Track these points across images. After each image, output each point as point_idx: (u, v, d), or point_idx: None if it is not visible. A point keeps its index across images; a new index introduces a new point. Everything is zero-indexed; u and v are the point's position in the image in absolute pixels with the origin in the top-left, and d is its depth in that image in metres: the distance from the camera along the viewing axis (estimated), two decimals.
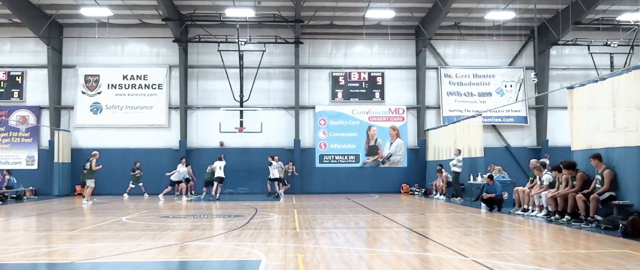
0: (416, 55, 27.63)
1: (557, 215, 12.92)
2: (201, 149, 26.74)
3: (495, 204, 16.15)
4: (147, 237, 10.32)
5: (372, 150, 27.29)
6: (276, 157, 23.76)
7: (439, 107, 27.52)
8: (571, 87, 14.09)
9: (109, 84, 26.61)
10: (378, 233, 11.05)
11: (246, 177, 26.21)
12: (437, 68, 27.70)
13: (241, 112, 24.99)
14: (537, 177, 14.67)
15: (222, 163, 22.21)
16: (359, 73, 27.39)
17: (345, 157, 27.06)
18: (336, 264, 7.39)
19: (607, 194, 11.84)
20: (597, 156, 12.29)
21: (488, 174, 17.33)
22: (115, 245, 9.33)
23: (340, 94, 27.30)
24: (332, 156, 26.97)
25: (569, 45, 27.17)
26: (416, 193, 25.65)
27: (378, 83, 27.43)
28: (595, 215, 11.63)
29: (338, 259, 7.81)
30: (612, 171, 11.89)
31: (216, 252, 8.47)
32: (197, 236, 10.36)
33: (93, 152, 20.35)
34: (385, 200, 21.12)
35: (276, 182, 22.87)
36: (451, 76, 27.70)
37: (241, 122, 24.74)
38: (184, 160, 23.57)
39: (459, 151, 21.16)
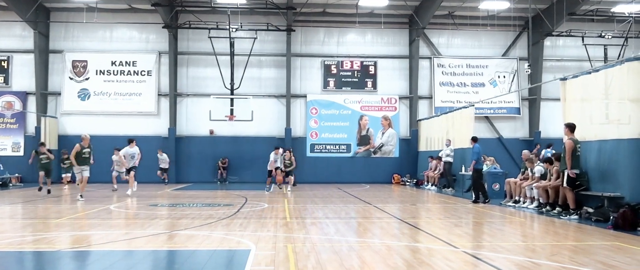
0: (409, 45, 27.38)
1: (548, 207, 12.95)
2: (191, 137, 26.47)
3: (479, 190, 15.83)
4: (135, 226, 10.34)
5: (364, 140, 27.09)
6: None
7: (432, 98, 27.34)
8: (564, 79, 14.05)
9: (97, 70, 26.20)
10: (369, 223, 11.07)
11: (237, 166, 25.98)
12: (430, 58, 27.48)
13: (232, 100, 24.74)
14: (529, 168, 14.66)
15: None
16: (352, 62, 27.13)
17: (337, 147, 26.86)
18: (327, 254, 7.37)
19: (574, 171, 11.79)
20: (569, 125, 12.33)
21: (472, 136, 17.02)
22: (102, 233, 9.29)
23: (332, 83, 27.04)
24: (324, 145, 26.77)
25: (563, 36, 27.03)
26: (407, 183, 25.54)
27: (370, 72, 27.19)
28: (586, 208, 11.62)
29: (328, 249, 7.78)
30: (571, 143, 11.88)
31: (205, 242, 8.41)
32: (186, 225, 10.32)
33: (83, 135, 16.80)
34: (377, 191, 21.07)
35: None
36: (444, 66, 27.50)
37: (232, 110, 24.53)
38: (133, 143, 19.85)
39: (449, 141, 21.09)
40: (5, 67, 25.88)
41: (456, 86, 27.48)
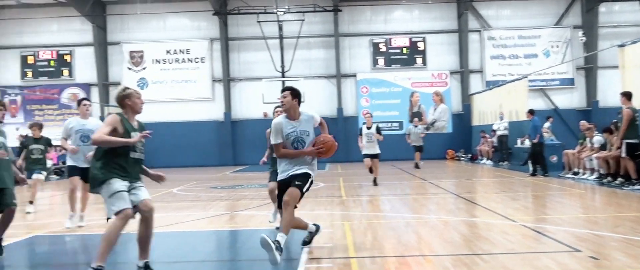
0: (458, 18, 27.03)
1: (609, 178, 12.65)
2: (245, 120, 27.09)
3: (538, 163, 15.59)
4: (197, 208, 10.61)
5: (416, 116, 27.04)
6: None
7: (483, 71, 27.00)
8: (622, 45, 13.76)
9: (153, 59, 27.11)
10: (424, 199, 11.03)
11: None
12: (479, 31, 27.07)
13: (283, 82, 25.08)
14: (588, 139, 14.37)
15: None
16: (400, 39, 27.03)
17: (389, 124, 26.88)
18: (383, 231, 7.44)
19: (633, 140, 11.45)
20: (626, 94, 11.91)
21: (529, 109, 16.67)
22: (166, 215, 9.46)
23: (381, 61, 27.05)
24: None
25: (619, 1, 26.07)
26: (462, 158, 25.44)
27: (419, 48, 27.03)
28: None
29: (385, 226, 7.83)
30: (629, 111, 11.50)
31: (265, 221, 8.48)
32: (246, 206, 10.57)
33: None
34: (431, 167, 21.00)
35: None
36: (495, 38, 27.06)
37: None
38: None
39: (503, 114, 20.85)
40: (69, 60, 27.17)
41: (508, 59, 27.02)
